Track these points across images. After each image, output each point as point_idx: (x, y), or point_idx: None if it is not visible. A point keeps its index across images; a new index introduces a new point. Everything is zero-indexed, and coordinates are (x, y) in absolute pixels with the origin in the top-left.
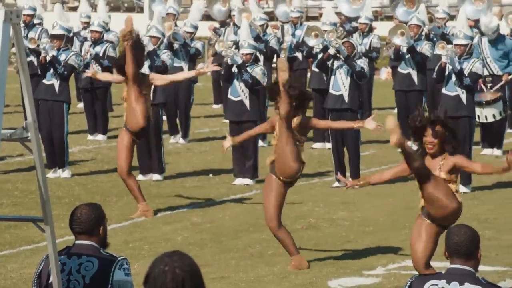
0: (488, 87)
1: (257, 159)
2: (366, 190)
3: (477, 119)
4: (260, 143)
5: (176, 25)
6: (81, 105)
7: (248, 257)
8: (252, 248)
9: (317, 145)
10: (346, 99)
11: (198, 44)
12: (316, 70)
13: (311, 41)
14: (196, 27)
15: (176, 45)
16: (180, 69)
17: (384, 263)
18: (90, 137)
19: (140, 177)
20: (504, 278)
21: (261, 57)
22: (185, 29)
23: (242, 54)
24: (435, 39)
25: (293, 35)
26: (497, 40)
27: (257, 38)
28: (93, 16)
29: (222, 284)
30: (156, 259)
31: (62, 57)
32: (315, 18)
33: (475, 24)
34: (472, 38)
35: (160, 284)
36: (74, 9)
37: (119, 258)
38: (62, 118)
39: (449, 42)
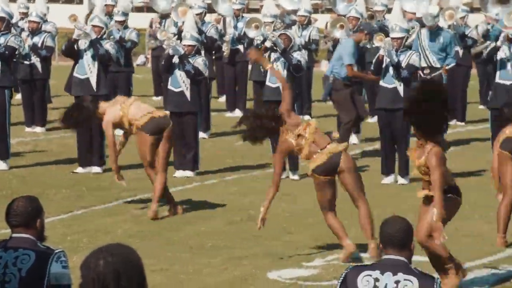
0: (427, 77)
1: (198, 151)
2: (307, 182)
3: None
4: (201, 134)
5: (111, 18)
6: (19, 96)
7: (188, 249)
8: (192, 240)
9: None
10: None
11: (132, 34)
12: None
13: (252, 33)
14: (126, 15)
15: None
16: (118, 60)
17: (323, 255)
18: (28, 129)
19: (79, 169)
20: None
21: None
22: (116, 18)
23: (184, 45)
24: (373, 34)
25: (235, 27)
26: (435, 32)
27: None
28: (31, 7)
29: (161, 276)
30: (94, 250)
31: (1, 40)
32: (256, 10)
33: (415, 16)
34: (407, 31)
35: (85, 275)
36: (13, 0)
37: (56, 251)
38: (4, 105)
39: (388, 35)
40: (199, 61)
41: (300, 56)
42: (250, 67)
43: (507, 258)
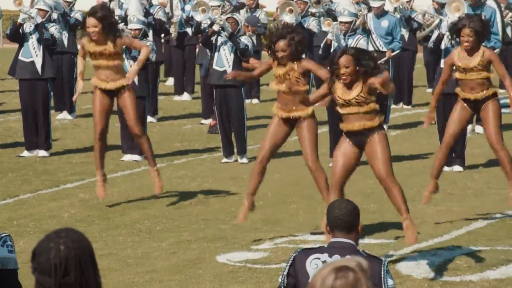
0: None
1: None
2: (253, 166)
3: None
4: (149, 119)
5: None
6: None
7: (136, 233)
8: (140, 224)
9: (206, 121)
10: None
11: (77, 15)
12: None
13: (198, 16)
14: None
15: (55, 15)
16: (61, 41)
17: (272, 238)
18: None
19: (25, 153)
20: (387, 251)
21: (150, 32)
22: None
23: (131, 29)
24: (322, 17)
25: (183, 10)
26: (381, 16)
27: (145, 13)
28: None
29: (109, 260)
30: (45, 236)
31: None
32: None
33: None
34: (356, 15)
35: (44, 260)
36: None
37: (2, 235)
38: None
39: (335, 19)
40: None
41: (247, 40)
42: (197, 50)
43: (452, 239)
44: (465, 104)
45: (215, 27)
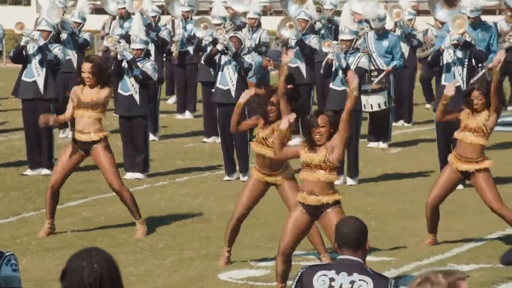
0: (374, 80)
1: (148, 153)
2: None
3: (363, 108)
4: (151, 137)
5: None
6: None
7: (139, 251)
8: (142, 242)
9: (208, 139)
10: (233, 93)
11: (86, 35)
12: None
13: (200, 33)
14: (84, 19)
15: (64, 35)
16: (70, 61)
17: (274, 255)
18: None
19: (28, 171)
20: (389, 268)
21: (153, 49)
22: (73, 19)
23: (133, 49)
24: (324, 31)
25: (185, 29)
26: (382, 35)
27: (148, 26)
28: None
29: None
30: (73, 255)
31: None
32: (206, 12)
33: (363, 19)
34: (357, 33)
35: (78, 280)
36: None
37: (6, 254)
38: None
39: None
40: (148, 65)
41: (251, 59)
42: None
43: (454, 256)
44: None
45: (219, 47)
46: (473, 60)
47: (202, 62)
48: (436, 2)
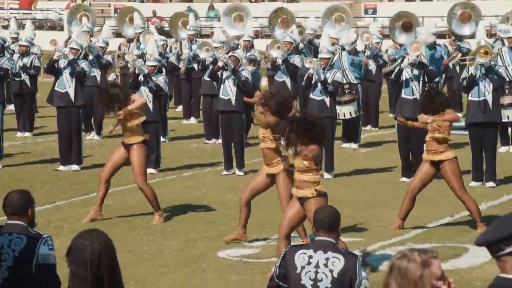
0: (346, 92)
1: (160, 152)
2: (249, 177)
3: (337, 116)
4: (162, 139)
5: (90, 40)
6: (11, 107)
7: (151, 233)
8: (155, 226)
9: (209, 141)
10: (233, 103)
11: (108, 57)
12: (207, 79)
13: (203, 54)
14: (107, 43)
15: (90, 57)
16: (94, 78)
17: (264, 237)
18: (19, 134)
19: (61, 167)
20: (359, 247)
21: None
22: (98, 44)
23: (148, 66)
24: (304, 50)
25: (190, 49)
26: (353, 55)
27: (160, 55)
28: (21, 33)
29: (129, 256)
30: (77, 235)
31: None
32: (207, 36)
33: (338, 41)
34: (333, 53)
35: (81, 256)
36: (5, 27)
37: (44, 236)
38: None
39: (315, 48)
40: (160, 79)
41: (247, 73)
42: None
43: (411, 237)
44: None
45: (220, 64)
46: (426, 78)
47: (205, 77)
48: (395, 28)
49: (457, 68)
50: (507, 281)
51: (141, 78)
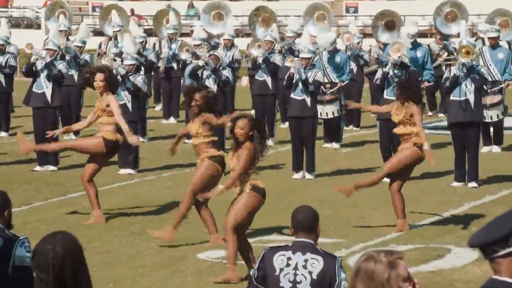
0: (328, 91)
1: (138, 152)
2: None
3: (319, 116)
4: (141, 139)
5: (68, 39)
6: None
7: (130, 235)
8: (133, 227)
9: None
10: None
11: (86, 56)
12: (188, 79)
13: (183, 55)
14: (84, 42)
15: (67, 57)
16: (72, 77)
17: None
18: None
19: (38, 168)
20: (340, 248)
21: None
22: (75, 43)
23: (126, 65)
24: (285, 54)
25: (170, 48)
26: (334, 53)
27: (138, 53)
28: None
29: (107, 257)
30: (42, 238)
31: None
32: (187, 34)
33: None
34: (314, 52)
35: (43, 260)
36: None
37: (21, 237)
38: None
39: (296, 55)
40: (139, 79)
41: (227, 73)
42: (182, 81)
43: (394, 238)
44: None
45: (200, 62)
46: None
47: (186, 77)
48: (378, 27)
49: (443, 67)
50: (502, 284)
51: (119, 78)
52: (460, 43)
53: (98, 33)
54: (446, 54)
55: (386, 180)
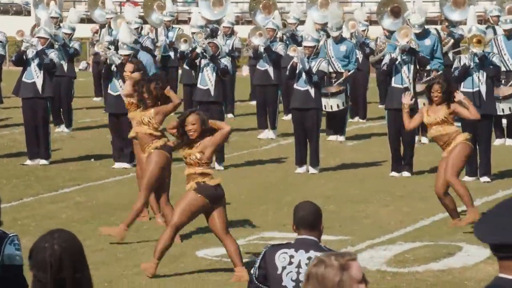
0: (333, 82)
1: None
2: (231, 172)
3: (323, 109)
4: None
5: (60, 27)
6: None
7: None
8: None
9: None
10: (212, 93)
11: (76, 45)
12: (187, 67)
13: (182, 46)
14: (73, 29)
15: (56, 45)
16: (61, 67)
17: (244, 235)
18: None
19: (28, 161)
20: (345, 246)
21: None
22: (64, 30)
23: (121, 55)
24: (287, 42)
25: (167, 36)
26: (340, 41)
27: (134, 41)
28: None
29: (102, 255)
30: (40, 237)
31: None
32: (185, 22)
33: (322, 27)
34: (318, 41)
35: (40, 259)
36: None
37: (10, 235)
38: None
39: (299, 43)
40: None
41: (226, 61)
42: (180, 71)
43: (402, 235)
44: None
45: (198, 50)
46: (417, 65)
47: (185, 66)
48: (383, 13)
49: (450, 56)
50: (509, 283)
51: (113, 68)
52: (470, 31)
53: (88, 20)
54: (452, 41)
55: (394, 174)
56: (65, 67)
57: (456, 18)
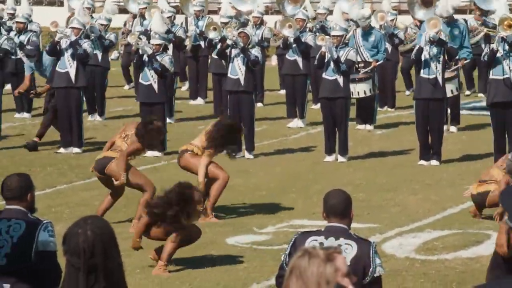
0: (360, 71)
1: (165, 135)
2: (260, 160)
3: (351, 95)
4: (168, 120)
5: (92, 17)
6: (8, 86)
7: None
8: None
9: None
10: (242, 82)
11: (111, 36)
12: (215, 56)
13: (211, 34)
14: (110, 20)
15: (92, 37)
16: (96, 57)
17: (274, 223)
18: (17, 115)
19: (61, 150)
20: (374, 233)
21: (171, 46)
22: (100, 21)
23: (153, 44)
24: (317, 33)
25: (197, 25)
26: (368, 31)
27: (166, 31)
28: (17, 9)
29: (130, 242)
30: (74, 222)
31: None
32: (215, 12)
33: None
34: (346, 30)
35: (74, 244)
36: (2, 2)
37: (44, 221)
38: None
39: (328, 34)
40: (166, 59)
41: (257, 52)
42: (209, 60)
43: (430, 223)
44: None
45: (229, 42)
46: (446, 55)
47: (214, 55)
48: (414, 3)
49: (482, 45)
50: None
51: (145, 58)
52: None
53: (122, 10)
54: (485, 30)
55: (423, 162)
56: (100, 57)
57: (492, 7)
